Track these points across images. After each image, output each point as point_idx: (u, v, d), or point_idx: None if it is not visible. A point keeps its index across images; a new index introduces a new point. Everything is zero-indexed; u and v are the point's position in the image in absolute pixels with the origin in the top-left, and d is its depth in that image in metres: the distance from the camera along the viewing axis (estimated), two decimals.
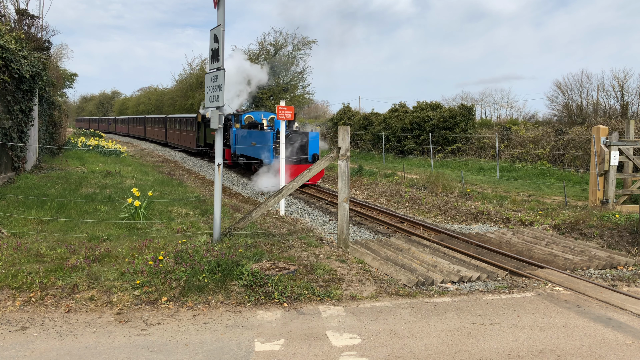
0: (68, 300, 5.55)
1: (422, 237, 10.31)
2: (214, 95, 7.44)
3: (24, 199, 9.59)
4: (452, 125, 25.70)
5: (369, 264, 7.46)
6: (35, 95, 13.55)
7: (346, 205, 7.85)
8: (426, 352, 4.67)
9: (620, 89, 24.28)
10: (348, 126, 8.02)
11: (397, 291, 6.28)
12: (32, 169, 14.22)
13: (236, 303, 5.70)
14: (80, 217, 8.63)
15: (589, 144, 18.15)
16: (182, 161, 26.82)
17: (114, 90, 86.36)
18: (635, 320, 5.61)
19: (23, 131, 12.61)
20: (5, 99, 11.63)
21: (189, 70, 47.47)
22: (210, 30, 7.47)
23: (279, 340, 4.82)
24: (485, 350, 4.73)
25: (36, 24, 23.65)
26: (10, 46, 11.57)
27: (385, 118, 30.07)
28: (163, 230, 8.12)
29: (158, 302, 5.61)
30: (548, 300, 6.25)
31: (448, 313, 5.66)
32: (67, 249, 6.70)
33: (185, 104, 43.76)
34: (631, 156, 12.64)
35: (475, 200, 14.13)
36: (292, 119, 19.37)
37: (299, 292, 5.94)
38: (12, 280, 5.75)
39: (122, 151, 23.27)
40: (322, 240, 8.15)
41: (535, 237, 10.27)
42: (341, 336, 4.94)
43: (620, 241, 9.62)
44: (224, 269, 6.14)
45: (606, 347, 4.85)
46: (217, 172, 7.49)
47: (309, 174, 8.01)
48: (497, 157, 21.12)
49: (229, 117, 22.83)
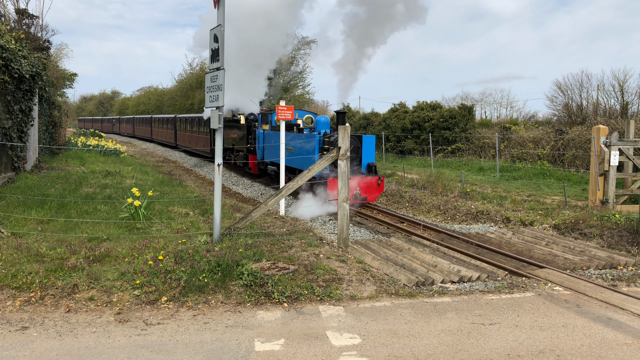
0: (68, 300, 5.55)
1: (422, 237, 10.31)
2: (214, 95, 7.44)
3: (24, 199, 9.59)
4: (452, 125, 25.71)
5: (369, 264, 7.46)
6: (35, 95, 13.54)
7: (346, 205, 7.85)
8: (426, 352, 4.67)
9: (620, 89, 24.29)
10: (348, 126, 8.01)
11: (397, 291, 6.28)
12: (32, 169, 14.21)
13: (236, 303, 5.70)
14: (80, 217, 8.63)
15: (589, 144, 18.14)
16: (182, 161, 26.82)
17: (114, 90, 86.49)
18: (635, 320, 5.61)
19: (23, 131, 12.61)
20: (5, 98, 11.63)
21: (189, 70, 47.54)
22: (210, 30, 7.47)
23: (279, 340, 4.83)
24: (485, 350, 4.73)
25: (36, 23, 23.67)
26: (10, 46, 11.57)
27: (385, 118, 30.08)
28: (163, 230, 8.12)
29: (158, 302, 5.62)
30: (548, 300, 6.26)
31: (448, 313, 5.66)
32: (67, 249, 6.70)
33: (185, 104, 43.74)
34: (631, 156, 12.64)
35: (475, 200, 14.13)
36: (312, 118, 16.71)
37: (299, 292, 5.94)
38: (12, 280, 5.75)
39: (122, 151, 23.28)
40: (322, 240, 8.15)
41: (535, 237, 10.27)
42: (341, 336, 4.95)
43: (620, 241, 9.62)
44: (224, 269, 6.14)
45: (606, 347, 4.85)
46: (217, 172, 7.50)
47: (309, 174, 8.00)
48: (497, 157, 21.12)
49: (251, 117, 19.63)
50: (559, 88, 27.04)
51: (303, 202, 12.83)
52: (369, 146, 13.50)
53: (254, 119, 19.27)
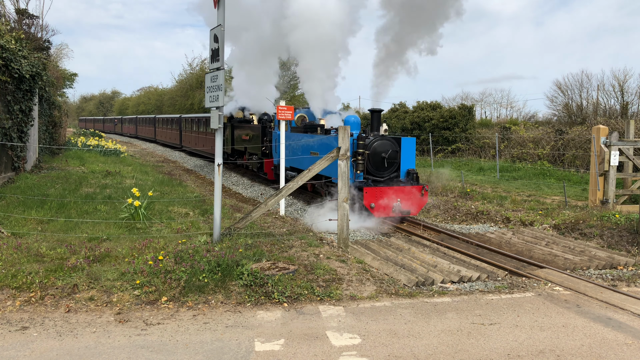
0: (68, 300, 5.55)
1: (422, 237, 10.31)
2: (214, 95, 7.45)
3: (24, 199, 9.59)
4: (452, 125, 25.73)
5: (369, 264, 7.46)
6: (35, 95, 13.54)
7: (346, 205, 7.86)
8: (426, 352, 4.67)
9: (620, 89, 24.31)
10: (348, 126, 8.01)
11: (397, 291, 6.28)
12: (32, 169, 14.22)
13: (236, 303, 5.70)
14: (80, 217, 8.63)
15: (589, 144, 18.15)
16: (182, 161, 26.81)
17: (114, 90, 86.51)
18: (635, 320, 5.61)
19: (23, 131, 12.61)
20: (5, 99, 11.64)
21: (189, 70, 47.54)
22: (210, 30, 7.48)
23: (279, 340, 4.83)
24: (485, 350, 4.73)
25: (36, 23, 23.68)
26: (10, 46, 11.57)
27: (385, 118, 30.08)
28: (163, 230, 8.12)
29: (158, 302, 5.62)
30: (548, 300, 6.26)
31: (448, 313, 5.66)
32: (67, 249, 6.70)
33: (185, 103, 43.75)
34: (631, 156, 12.64)
35: (475, 200, 14.13)
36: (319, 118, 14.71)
37: (299, 292, 5.94)
38: (12, 280, 5.75)
39: (122, 151, 23.28)
40: (322, 240, 8.15)
41: (535, 237, 10.27)
42: (341, 336, 4.95)
43: (620, 241, 9.62)
44: (224, 269, 6.15)
45: (606, 347, 4.85)
46: (217, 172, 7.50)
47: (309, 174, 7.99)
48: (497, 157, 21.12)
49: (265, 117, 18.23)
50: (559, 88, 27.08)
51: (327, 211, 11.19)
52: (409, 150, 11.93)
53: (268, 119, 18.03)
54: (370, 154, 11.46)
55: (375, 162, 11.53)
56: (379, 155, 11.51)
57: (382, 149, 11.55)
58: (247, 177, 20.10)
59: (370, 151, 11.49)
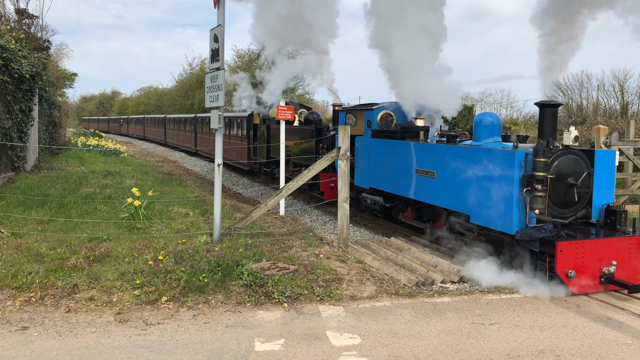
0: (68, 300, 5.55)
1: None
2: (214, 95, 7.45)
3: (24, 199, 9.59)
4: (452, 125, 25.71)
5: (369, 264, 7.46)
6: (35, 95, 13.55)
7: (346, 205, 7.85)
8: (426, 352, 4.67)
9: (620, 89, 24.30)
10: (348, 126, 8.01)
11: (397, 291, 6.28)
12: (32, 169, 14.22)
13: (236, 303, 5.71)
14: (80, 217, 8.63)
15: (589, 144, 18.12)
16: (182, 161, 26.82)
17: (114, 90, 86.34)
18: (635, 320, 5.61)
19: (23, 131, 12.61)
20: (5, 99, 11.64)
21: (189, 70, 47.53)
22: (210, 30, 7.48)
23: (279, 340, 4.83)
24: (485, 350, 4.73)
25: (36, 23, 23.68)
26: (10, 46, 11.57)
27: None
28: (163, 230, 8.12)
29: (158, 302, 5.62)
30: (548, 300, 6.25)
31: (448, 313, 5.66)
32: (67, 249, 6.70)
33: (185, 104, 43.71)
34: (631, 156, 12.63)
35: None
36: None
37: (299, 292, 5.94)
38: (12, 280, 5.75)
39: (122, 151, 23.29)
40: (322, 240, 8.15)
41: None
42: (341, 336, 4.95)
43: None
44: (224, 269, 6.15)
45: (606, 347, 4.86)
46: (217, 172, 7.50)
47: (309, 174, 7.99)
48: None
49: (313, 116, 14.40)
50: (559, 88, 27.06)
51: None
52: (607, 171, 7.26)
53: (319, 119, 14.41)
54: (552, 179, 6.77)
55: (557, 192, 6.89)
56: (564, 181, 6.89)
57: (568, 171, 6.93)
58: (247, 177, 20.09)
59: (553, 174, 6.80)
